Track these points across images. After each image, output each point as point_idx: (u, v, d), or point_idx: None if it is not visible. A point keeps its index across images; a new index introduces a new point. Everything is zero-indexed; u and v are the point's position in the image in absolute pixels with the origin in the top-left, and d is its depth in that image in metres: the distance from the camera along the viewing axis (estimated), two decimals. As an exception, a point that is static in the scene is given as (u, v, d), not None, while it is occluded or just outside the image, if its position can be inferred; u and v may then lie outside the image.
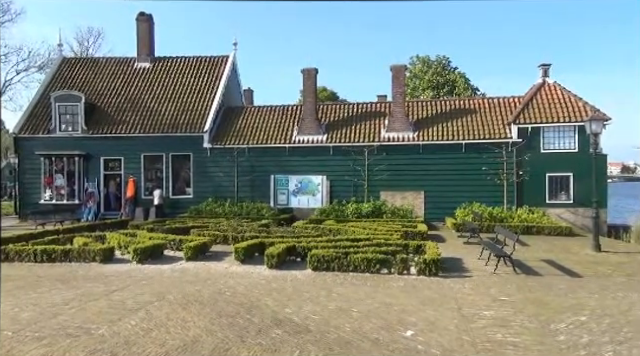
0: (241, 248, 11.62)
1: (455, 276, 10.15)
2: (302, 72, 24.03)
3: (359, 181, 22.02)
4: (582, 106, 21.15)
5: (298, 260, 11.71)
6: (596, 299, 8.24)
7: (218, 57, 26.79)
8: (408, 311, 7.48)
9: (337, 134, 22.93)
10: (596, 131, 14.93)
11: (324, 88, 44.96)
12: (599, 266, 11.49)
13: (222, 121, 24.41)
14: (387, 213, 20.35)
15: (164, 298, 8.26)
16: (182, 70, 26.33)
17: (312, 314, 7.32)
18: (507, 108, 22.78)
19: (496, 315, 7.28)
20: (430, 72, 44.67)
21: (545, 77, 22.88)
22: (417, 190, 21.82)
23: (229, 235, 14.40)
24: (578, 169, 20.00)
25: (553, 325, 6.80)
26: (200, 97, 24.76)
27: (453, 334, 6.42)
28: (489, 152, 21.01)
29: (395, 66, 23.25)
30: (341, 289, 8.98)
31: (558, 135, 21.17)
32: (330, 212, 20.83)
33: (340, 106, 25.61)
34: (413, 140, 22.01)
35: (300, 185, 22.78)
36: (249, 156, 22.93)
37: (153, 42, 27.10)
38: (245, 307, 7.70)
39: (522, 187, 20.96)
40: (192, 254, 11.94)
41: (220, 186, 22.85)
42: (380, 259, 10.42)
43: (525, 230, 17.42)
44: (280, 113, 24.77)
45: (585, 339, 6.22)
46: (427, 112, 23.49)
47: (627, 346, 5.97)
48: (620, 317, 7.16)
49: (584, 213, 19.72)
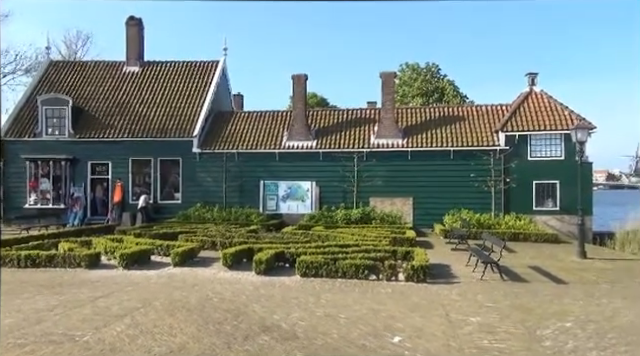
0: (229, 254, 11.55)
1: (443, 282, 10.20)
2: (292, 78, 24.09)
3: (348, 187, 22.06)
4: (568, 114, 21.47)
5: (287, 266, 11.67)
6: (581, 305, 8.34)
7: (208, 62, 26.74)
8: (396, 317, 7.49)
9: (327, 140, 22.98)
10: (581, 139, 15.17)
11: (314, 94, 45.07)
12: (584, 273, 11.62)
13: (211, 126, 24.33)
14: (376, 219, 20.40)
15: (150, 304, 8.17)
16: (171, 75, 26.23)
17: (300, 320, 7.30)
18: (495, 116, 23.04)
19: (483, 321, 7.33)
20: (419, 79, 45.05)
21: (532, 85, 23.20)
22: (406, 196, 21.92)
23: (217, 241, 14.31)
24: (564, 177, 20.26)
25: (539, 331, 6.85)
26: (189, 102, 24.67)
27: (440, 340, 6.44)
28: (477, 159, 21.21)
29: (385, 73, 23.42)
30: (329, 295, 8.97)
31: (545, 143, 21.45)
32: (319, 218, 20.83)
33: (330, 112, 25.69)
34: (402, 147, 22.15)
35: (289, 191, 22.76)
36: (238, 161, 22.86)
37: (142, 46, 26.98)
38: (232, 313, 7.65)
39: (509, 194, 21.17)
40: (180, 260, 11.85)
41: (209, 191, 22.73)
42: (368, 265, 10.43)
43: (512, 237, 17.57)
44: (270, 119, 24.77)
45: (570, 345, 6.28)
46: (416, 119, 23.67)
47: (611, 352, 6.05)
48: (604, 323, 7.25)
49: (570, 220, 19.94)
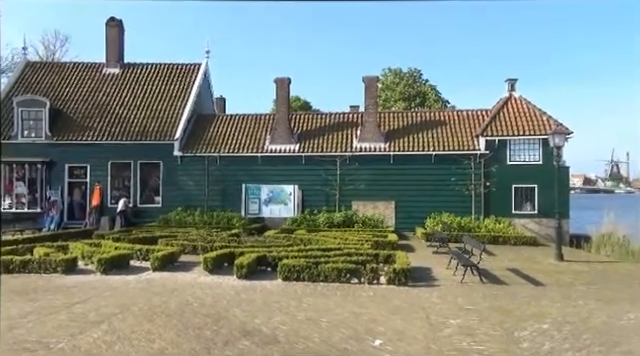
0: (210, 258, 11.44)
1: (424, 285, 10.27)
2: (275, 81, 24.06)
3: (331, 191, 22.09)
4: (546, 120, 21.92)
5: (268, 270, 11.60)
6: (558, 307, 8.49)
7: (190, 65, 26.54)
8: (377, 320, 7.51)
9: (309, 144, 22.99)
10: (559, 144, 15.51)
11: (297, 97, 45.08)
12: (561, 275, 11.85)
13: (193, 129, 24.12)
14: (358, 223, 20.45)
15: (128, 310, 8.03)
16: (153, 77, 25.95)
17: (281, 324, 7.26)
18: (475, 121, 23.38)
19: (463, 323, 7.40)
20: (402, 84, 45.46)
21: (511, 91, 23.64)
22: (388, 200, 22.05)
23: (198, 245, 14.15)
24: (542, 181, 20.65)
25: (517, 333, 6.95)
26: (171, 105, 24.43)
27: (421, 343, 6.48)
28: (458, 163, 21.48)
29: (367, 77, 23.57)
30: (311, 299, 8.95)
31: (523, 148, 21.85)
32: (302, 222, 20.79)
33: (313, 116, 25.73)
34: (384, 150, 22.30)
35: (272, 194, 22.68)
36: (220, 165, 22.70)
37: (123, 48, 26.64)
38: (213, 318, 7.57)
39: (489, 198, 21.48)
40: (159, 264, 11.67)
41: (190, 195, 22.50)
42: (350, 269, 10.44)
43: (492, 240, 17.82)
44: (252, 122, 24.67)
45: (547, 346, 6.39)
46: (398, 123, 23.87)
47: (586, 352, 6.17)
48: (580, 324, 7.40)
49: (548, 223, 20.32)
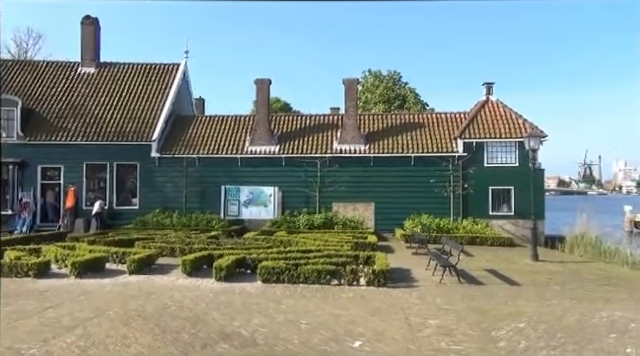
0: (188, 260, 11.28)
1: (403, 286, 10.34)
2: (255, 83, 23.95)
3: (311, 192, 22.08)
4: (522, 123, 22.37)
5: (248, 272, 11.51)
6: (533, 306, 8.65)
7: (168, 65, 26.19)
8: (357, 322, 7.52)
9: (290, 145, 22.94)
10: (534, 147, 15.84)
11: (277, 99, 44.94)
12: (536, 275, 12.08)
13: (171, 130, 23.80)
14: (338, 224, 20.50)
15: (104, 314, 7.85)
16: (130, 77, 25.51)
17: (260, 327, 7.20)
18: (454, 123, 23.70)
19: (441, 324, 7.47)
20: (382, 86, 45.76)
21: (488, 95, 24.06)
22: (368, 201, 22.16)
23: (176, 247, 13.96)
24: (519, 183, 21.04)
25: (494, 332, 7.05)
26: (149, 105, 24.05)
27: (400, 343, 6.51)
28: (437, 165, 21.74)
29: (348, 79, 23.67)
30: (291, 301, 8.91)
31: (500, 150, 22.25)
32: (282, 223, 20.72)
33: (293, 117, 25.69)
34: (364, 152, 22.41)
35: (251, 196, 22.54)
36: (199, 166, 22.46)
37: (99, 47, 26.12)
38: (191, 321, 7.46)
39: (467, 199, 21.79)
40: (136, 267, 11.46)
41: (168, 197, 22.19)
42: (330, 270, 10.43)
43: (470, 241, 18.08)
44: (232, 123, 24.49)
45: (523, 345, 6.49)
46: (378, 125, 24.02)
47: (560, 351, 6.29)
48: (555, 323, 7.55)
49: (524, 224, 20.72)
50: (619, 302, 9.05)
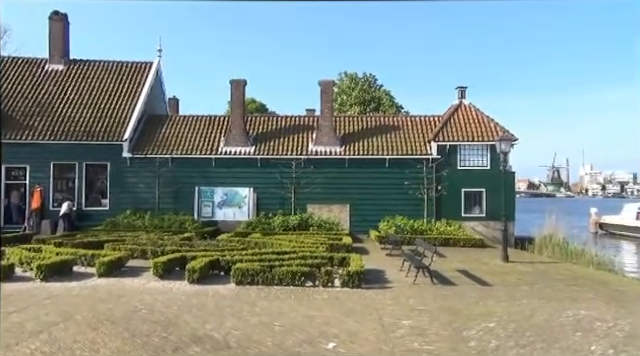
0: (160, 262, 11.06)
1: (377, 287, 10.40)
2: (230, 83, 23.73)
3: (286, 194, 22.00)
4: (493, 126, 22.87)
5: (222, 274, 11.38)
6: (503, 306, 8.83)
7: (141, 63, 25.67)
8: (331, 323, 7.52)
9: (265, 146, 22.82)
10: (505, 150, 16.20)
11: (253, 99, 44.69)
12: (506, 275, 12.35)
13: (144, 130, 23.34)
14: (314, 226, 20.48)
15: (71, 318, 7.61)
16: (100, 74, 24.88)
17: (234, 329, 7.11)
18: (428, 126, 24.04)
19: (414, 324, 7.54)
20: (357, 89, 46.07)
21: (461, 98, 24.51)
22: (343, 203, 22.23)
23: (148, 249, 13.65)
24: (490, 185, 21.50)
25: (465, 332, 7.17)
26: (120, 104, 23.51)
27: (373, 344, 6.54)
28: (411, 167, 22.00)
29: (324, 81, 23.71)
30: (265, 303, 8.84)
31: (472, 153, 22.69)
32: (256, 225, 20.57)
33: (269, 118, 25.57)
34: (340, 154, 22.48)
35: (226, 197, 22.30)
36: (172, 167, 22.09)
37: (68, 43, 25.38)
38: (162, 325, 7.31)
39: (441, 201, 22.12)
40: (105, 270, 11.16)
41: (140, 198, 21.74)
42: (305, 272, 10.41)
43: (443, 242, 18.34)
44: (206, 123, 24.20)
45: (493, 344, 6.62)
46: (354, 127, 24.15)
47: (529, 349, 6.44)
48: (524, 322, 7.72)
49: (495, 226, 21.16)
50: (585, 301, 9.33)
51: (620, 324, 7.65)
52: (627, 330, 7.34)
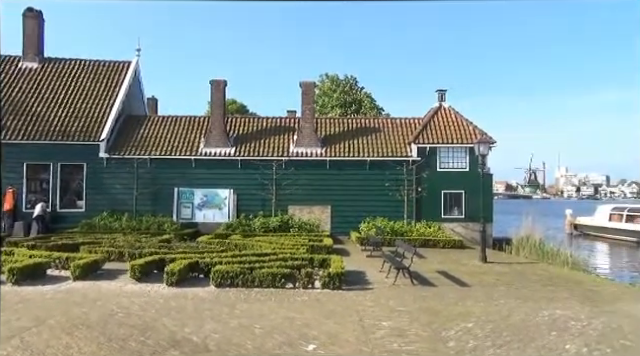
0: (138, 265, 10.87)
1: (358, 289, 10.42)
2: (211, 83, 23.51)
3: (267, 195, 21.90)
4: (472, 129, 23.21)
5: (201, 277, 11.23)
6: (481, 306, 8.95)
7: (119, 62, 25.22)
8: (311, 325, 7.50)
9: (245, 147, 22.67)
10: (483, 153, 16.46)
11: (233, 100, 44.36)
12: (485, 276, 12.53)
13: (122, 130, 22.93)
14: (294, 227, 20.44)
15: (44, 323, 7.41)
16: (77, 73, 24.35)
17: (213, 333, 7.03)
18: (408, 128, 24.25)
19: (394, 325, 7.58)
20: (338, 91, 46.19)
21: (441, 101, 24.81)
22: (324, 204, 22.24)
23: (125, 251, 13.40)
24: (469, 187, 21.79)
25: (444, 332, 7.23)
26: (97, 103, 23.04)
27: (353, 346, 6.55)
28: (391, 169, 22.15)
29: (305, 82, 23.70)
30: (245, 305, 8.76)
31: (452, 155, 22.98)
32: (237, 226, 20.42)
33: (249, 119, 25.43)
34: (321, 156, 22.49)
35: (206, 199, 22.07)
36: (151, 168, 21.76)
37: (42, 41, 24.75)
38: (139, 329, 7.17)
39: (421, 203, 22.33)
40: (81, 273, 10.90)
41: (117, 199, 21.33)
42: (285, 274, 10.36)
43: (423, 243, 18.51)
44: (186, 124, 23.92)
45: (471, 344, 6.70)
46: (335, 129, 24.20)
47: (505, 349, 6.54)
48: (501, 322, 7.84)
49: (474, 227, 21.46)
50: (560, 301, 9.53)
51: (594, 323, 7.83)
52: (600, 329, 7.51)
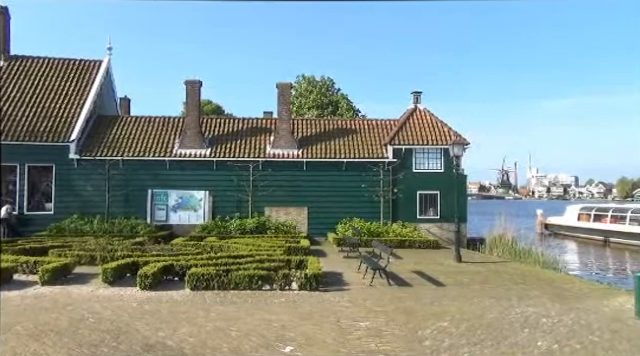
0: (110, 269, 10.61)
1: (335, 290, 10.43)
2: (186, 84, 23.18)
3: (243, 197, 21.72)
4: (447, 131, 23.57)
5: (176, 280, 11.05)
6: (456, 306, 9.08)
7: (90, 61, 24.60)
8: (288, 327, 7.46)
9: (221, 148, 22.43)
10: (458, 154, 16.74)
11: (209, 101, 43.88)
12: (459, 275, 12.72)
13: (93, 130, 22.36)
14: (271, 229, 20.33)
15: (10, 330, 7.13)
16: (45, 72, 23.64)
17: (188, 336, 6.91)
18: (384, 130, 24.45)
19: (371, 325, 7.61)
20: (315, 92, 46.23)
21: (416, 103, 25.12)
22: (301, 206, 22.20)
23: (97, 255, 13.07)
24: (444, 188, 22.13)
25: (420, 332, 7.30)
26: (67, 103, 22.41)
27: (330, 347, 6.54)
28: (368, 170, 22.29)
29: (281, 84, 23.62)
30: (221, 308, 8.65)
31: (427, 156, 23.27)
32: (212, 228, 20.18)
33: (225, 120, 25.18)
34: (297, 157, 22.44)
35: (180, 200, 21.73)
36: (124, 169, 21.29)
37: (8, 38, 23.93)
38: (111, 334, 6.99)
39: (397, 204, 22.54)
40: (50, 277, 10.57)
41: (89, 201, 20.80)
42: (262, 275, 10.29)
43: (399, 244, 18.68)
44: (160, 124, 23.51)
45: (446, 343, 6.78)
46: (311, 130, 24.20)
47: (480, 347, 6.64)
48: (475, 321, 7.97)
49: (449, 227, 21.79)
50: (532, 299, 9.75)
51: (564, 320, 8.04)
52: (570, 325, 7.72)
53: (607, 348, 6.60)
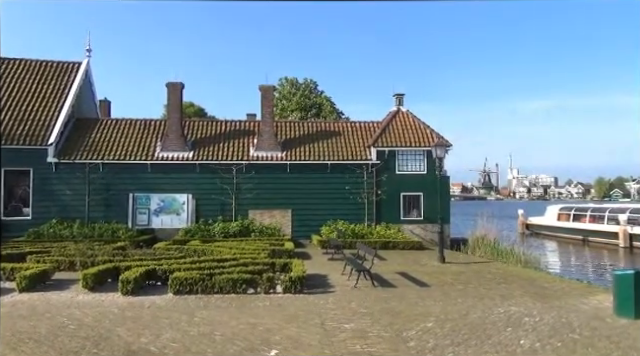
0: (90, 274, 10.40)
1: (319, 292, 10.41)
2: (167, 86, 22.93)
3: (227, 200, 21.56)
4: (429, 133, 23.80)
5: (158, 284, 10.89)
6: (440, 306, 9.15)
7: (68, 63, 24.14)
8: (273, 330, 7.41)
9: (204, 151, 22.24)
10: (440, 155, 16.89)
11: (191, 103, 43.46)
12: (443, 276, 12.83)
13: (71, 133, 21.96)
14: (255, 232, 20.22)
15: (-14, 339, 6.93)
16: (21, 74, 23.11)
17: (171, 342, 6.81)
18: (368, 132, 24.55)
19: (356, 327, 7.61)
20: (298, 94, 46.21)
21: (399, 105, 25.31)
22: (285, 208, 22.13)
23: (77, 260, 12.78)
24: (427, 189, 22.31)
25: (405, 333, 7.33)
26: (45, 106, 21.95)
27: (315, 349, 6.51)
28: (352, 172, 22.36)
29: (264, 86, 23.54)
30: (205, 312, 8.55)
31: (410, 158, 23.45)
32: (196, 232, 19.97)
33: (208, 123, 24.98)
34: (281, 159, 22.39)
35: (163, 204, 21.46)
36: (104, 173, 20.95)
37: (-15, 39, 23.37)
38: (92, 340, 6.84)
39: (380, 205, 22.64)
40: (27, 284, 10.30)
41: (68, 206, 20.40)
42: (246, 279, 10.21)
43: (383, 245, 18.74)
44: (141, 127, 23.21)
45: (431, 343, 6.82)
46: (295, 133, 24.16)
47: (464, 346, 6.70)
48: (459, 321, 8.03)
49: (432, 228, 21.97)
50: (514, 298, 9.88)
51: (545, 318, 8.17)
52: (551, 324, 7.84)
53: (587, 345, 6.72)
